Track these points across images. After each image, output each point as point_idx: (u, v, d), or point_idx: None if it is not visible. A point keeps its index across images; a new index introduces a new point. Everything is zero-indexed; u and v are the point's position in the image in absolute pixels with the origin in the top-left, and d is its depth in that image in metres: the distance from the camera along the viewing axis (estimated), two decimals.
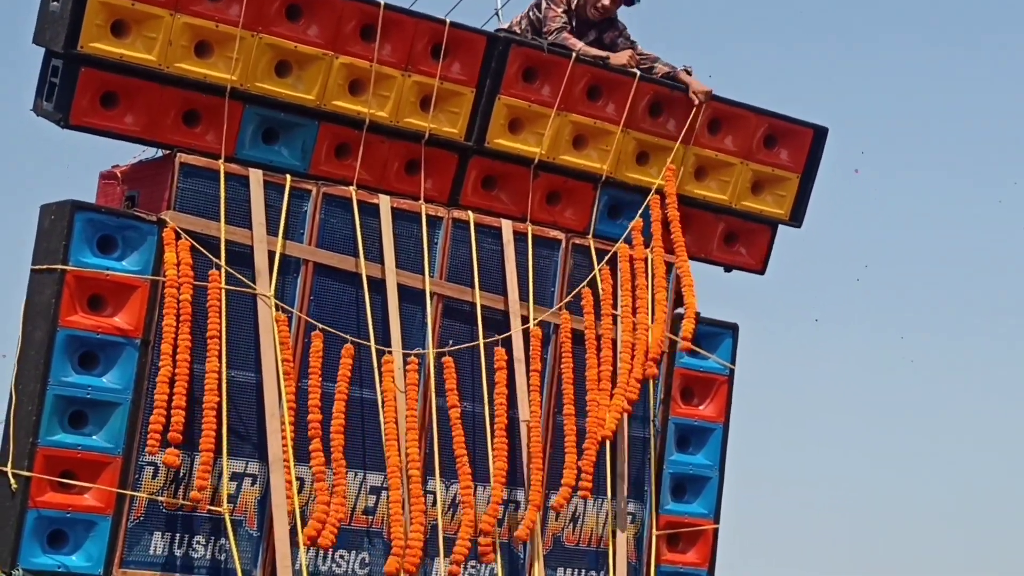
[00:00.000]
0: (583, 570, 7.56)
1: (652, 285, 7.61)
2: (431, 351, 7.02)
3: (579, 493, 7.32)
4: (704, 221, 8.04)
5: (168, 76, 6.49)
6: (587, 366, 7.47)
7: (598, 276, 7.58)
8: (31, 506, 6.13)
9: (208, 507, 6.42)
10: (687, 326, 7.55)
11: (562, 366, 7.43)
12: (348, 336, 6.80)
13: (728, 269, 8.27)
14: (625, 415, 7.45)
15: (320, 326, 6.74)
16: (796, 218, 8.25)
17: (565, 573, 7.49)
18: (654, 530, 7.72)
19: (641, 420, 7.68)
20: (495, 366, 7.19)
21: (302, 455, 6.56)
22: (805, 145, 8.16)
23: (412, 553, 6.69)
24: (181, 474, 6.40)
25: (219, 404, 6.40)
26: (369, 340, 6.84)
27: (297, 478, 6.56)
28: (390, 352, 6.87)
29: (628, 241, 7.68)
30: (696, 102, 7.69)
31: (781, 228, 8.28)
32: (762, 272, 8.32)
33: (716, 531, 7.96)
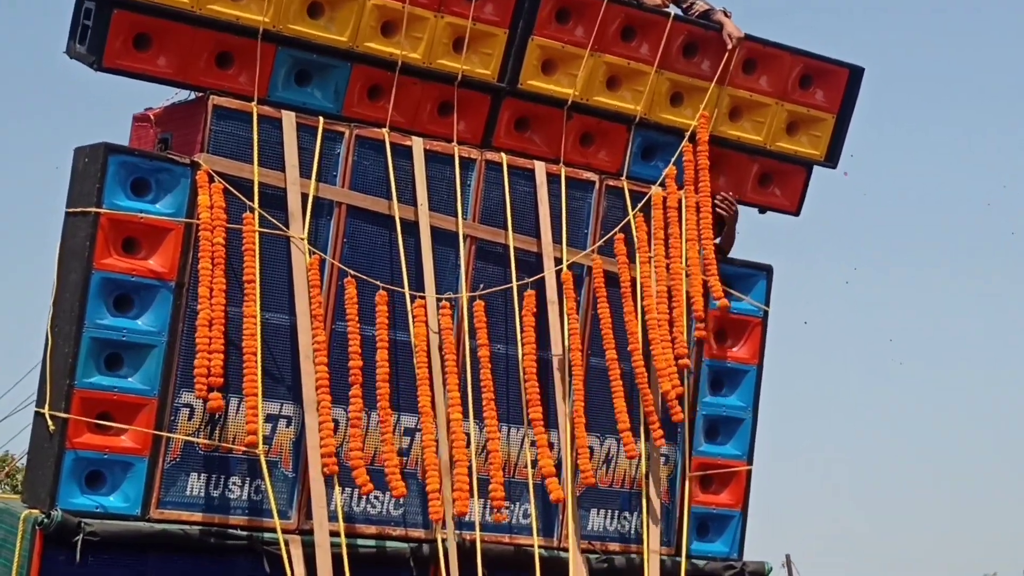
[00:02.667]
0: (616, 511, 7.59)
1: (684, 231, 7.59)
2: (464, 294, 7.00)
3: (655, 441, 7.36)
4: (738, 162, 7.99)
5: (201, 18, 6.46)
6: (625, 311, 7.45)
7: (632, 220, 7.54)
8: (69, 447, 6.18)
9: (244, 449, 6.44)
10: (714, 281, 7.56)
11: (597, 308, 7.41)
12: (380, 283, 6.80)
13: (763, 211, 8.22)
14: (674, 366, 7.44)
15: (352, 272, 6.74)
16: (831, 159, 8.19)
17: (598, 514, 7.52)
18: (687, 471, 7.71)
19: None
20: (527, 309, 7.19)
21: (337, 397, 6.58)
22: (841, 85, 8.09)
23: (459, 497, 6.75)
24: (216, 416, 6.43)
25: (261, 343, 6.44)
26: (402, 282, 6.84)
27: (333, 420, 6.57)
28: (423, 296, 6.85)
29: (662, 186, 7.63)
30: (729, 46, 7.61)
31: (816, 169, 8.22)
32: (797, 213, 8.28)
33: (749, 472, 7.96)
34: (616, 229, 7.51)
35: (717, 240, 7.79)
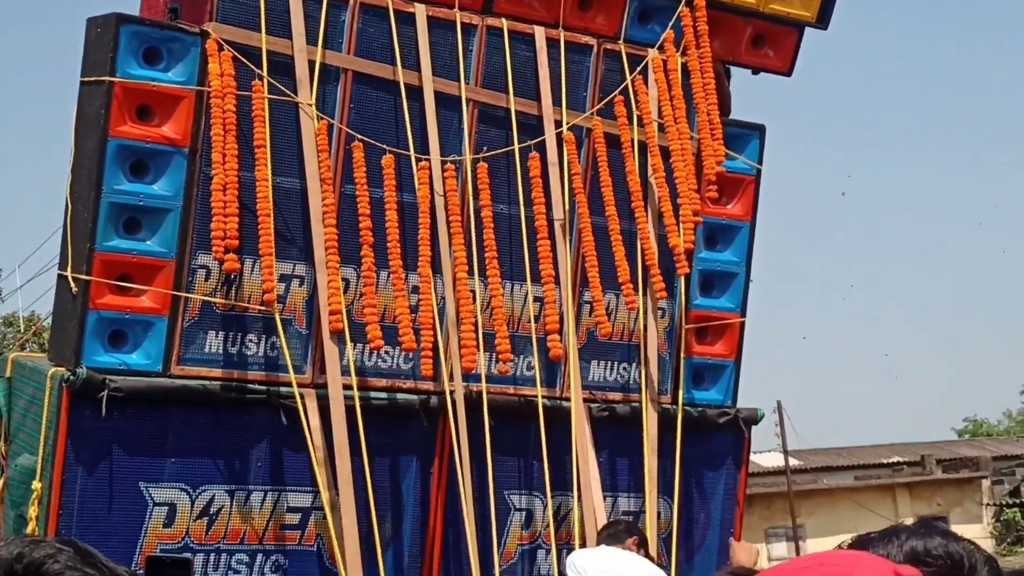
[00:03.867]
0: (615, 363, 7.71)
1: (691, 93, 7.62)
2: (468, 156, 7.08)
3: (658, 294, 7.44)
4: (732, 25, 7.96)
5: None
6: (627, 170, 7.48)
7: (631, 83, 7.55)
8: (91, 308, 6.29)
9: (260, 307, 6.56)
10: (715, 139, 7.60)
11: (598, 168, 7.45)
12: (386, 146, 6.86)
13: (756, 71, 8.24)
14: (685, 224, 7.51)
15: (359, 137, 6.80)
16: (823, 20, 8.15)
17: (598, 366, 7.64)
18: (684, 324, 7.83)
19: None
20: (533, 170, 7.25)
21: (349, 257, 6.69)
22: None
23: (467, 353, 6.86)
24: (232, 276, 6.53)
25: (273, 207, 6.50)
26: (408, 146, 6.90)
27: (345, 279, 6.68)
28: (427, 159, 6.94)
29: (661, 49, 7.65)
30: None
31: (808, 30, 8.19)
32: (789, 74, 8.27)
33: (743, 324, 8.07)
34: (616, 92, 7.53)
35: None
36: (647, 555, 5.95)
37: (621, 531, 6.05)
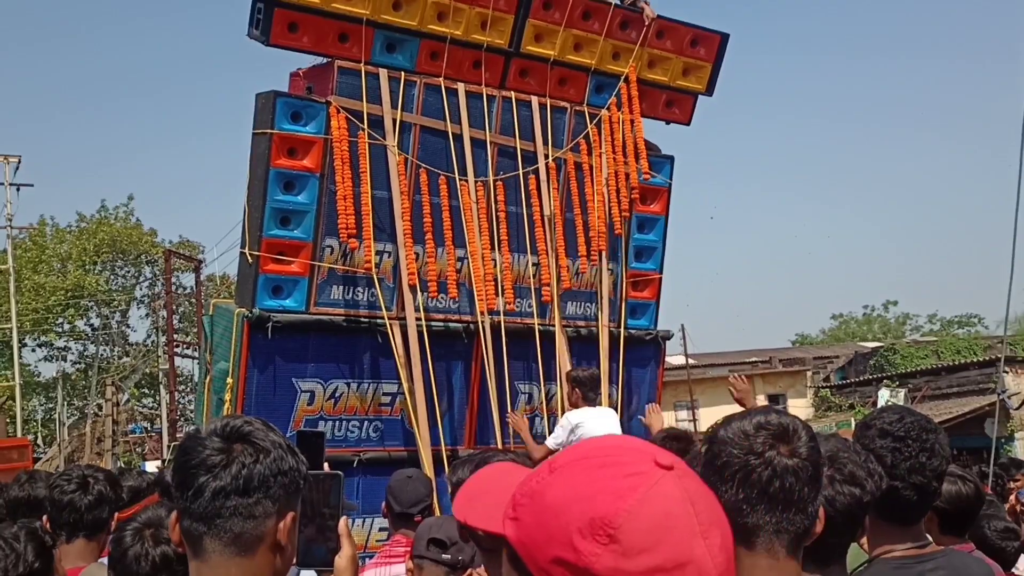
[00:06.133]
0: (583, 303, 7.70)
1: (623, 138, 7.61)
2: (491, 177, 7.04)
3: (592, 262, 7.48)
4: (653, 94, 7.94)
5: (328, 12, 6.46)
6: (585, 185, 7.47)
7: (590, 130, 7.53)
8: (261, 272, 6.33)
9: (364, 270, 6.57)
10: (644, 164, 7.62)
11: (570, 183, 7.44)
12: (440, 171, 6.83)
13: (668, 123, 8.18)
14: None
15: (423, 165, 6.78)
16: (709, 90, 8.13)
17: (571, 304, 7.63)
18: (625, 279, 7.84)
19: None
20: (530, 186, 7.21)
21: (416, 239, 6.68)
22: (715, 45, 8.02)
23: (489, 297, 6.84)
24: (348, 250, 6.53)
25: (372, 209, 6.51)
26: (454, 171, 6.84)
27: (415, 253, 6.68)
28: (466, 179, 6.88)
29: (608, 109, 7.62)
30: (647, 23, 7.57)
31: (700, 97, 8.18)
32: (688, 124, 8.23)
33: (660, 279, 8.07)
34: (580, 136, 7.52)
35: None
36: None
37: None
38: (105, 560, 3.15)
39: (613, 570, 0.90)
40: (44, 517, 3.25)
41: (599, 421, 5.87)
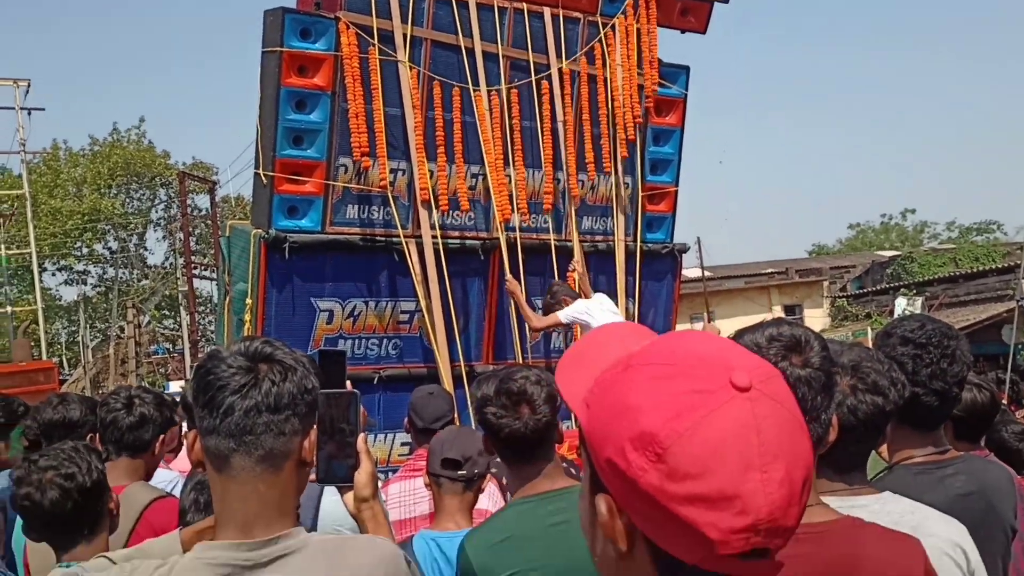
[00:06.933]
0: (599, 216, 7.67)
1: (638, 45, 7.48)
2: (504, 86, 6.95)
3: (605, 168, 7.44)
4: (668, 2, 7.76)
5: None
6: (598, 94, 7.36)
7: (603, 38, 7.40)
8: (276, 192, 6.29)
9: (379, 189, 6.53)
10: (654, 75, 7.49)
11: (583, 97, 7.34)
12: (454, 83, 6.74)
13: (683, 31, 8.02)
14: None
15: (436, 78, 6.69)
16: None
17: (588, 219, 7.61)
18: (641, 192, 7.79)
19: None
20: (545, 96, 7.12)
21: (429, 156, 6.62)
22: None
23: (504, 211, 6.82)
24: (362, 169, 6.48)
25: (384, 126, 6.44)
26: (467, 82, 6.75)
27: (430, 170, 6.63)
28: (479, 90, 6.79)
29: (625, 14, 7.46)
30: None
31: (717, 5, 7.99)
32: (704, 32, 8.06)
33: (676, 192, 8.03)
34: (594, 40, 7.38)
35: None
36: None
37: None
38: (148, 482, 3.23)
39: (658, 489, 0.89)
40: (94, 435, 3.34)
41: (602, 314, 6.14)
